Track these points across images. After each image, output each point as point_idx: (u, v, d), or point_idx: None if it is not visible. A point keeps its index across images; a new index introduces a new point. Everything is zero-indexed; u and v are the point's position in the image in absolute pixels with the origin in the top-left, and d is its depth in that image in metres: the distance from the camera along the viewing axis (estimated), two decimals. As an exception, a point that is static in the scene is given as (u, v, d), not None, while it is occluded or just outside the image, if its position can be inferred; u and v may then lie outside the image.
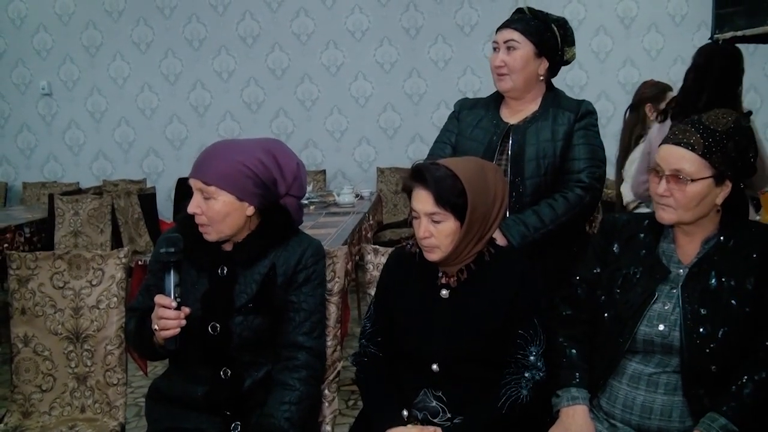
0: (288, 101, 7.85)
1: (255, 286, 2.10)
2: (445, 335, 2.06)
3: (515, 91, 2.67)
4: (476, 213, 2.00)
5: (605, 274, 2.14)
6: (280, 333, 2.13)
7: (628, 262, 2.11)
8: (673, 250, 2.07)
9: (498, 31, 2.68)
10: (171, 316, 1.96)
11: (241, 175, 2.03)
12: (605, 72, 7.71)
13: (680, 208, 1.96)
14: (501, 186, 2.08)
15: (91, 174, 7.91)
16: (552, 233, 2.50)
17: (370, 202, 5.77)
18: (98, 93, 7.84)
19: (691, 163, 1.93)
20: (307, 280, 2.16)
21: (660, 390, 1.98)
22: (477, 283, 2.08)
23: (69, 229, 5.62)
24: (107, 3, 7.72)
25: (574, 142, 2.59)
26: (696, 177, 1.93)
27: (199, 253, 2.11)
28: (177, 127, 7.89)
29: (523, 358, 2.04)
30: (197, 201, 2.05)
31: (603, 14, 7.67)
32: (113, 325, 2.53)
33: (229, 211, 2.04)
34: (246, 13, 7.73)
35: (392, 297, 2.19)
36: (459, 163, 2.06)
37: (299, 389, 2.08)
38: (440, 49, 7.77)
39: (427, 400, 2.08)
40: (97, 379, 2.54)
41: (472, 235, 2.02)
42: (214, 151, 2.09)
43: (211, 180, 2.02)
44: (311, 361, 2.14)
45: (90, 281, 2.55)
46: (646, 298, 2.02)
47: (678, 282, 2.01)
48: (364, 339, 2.25)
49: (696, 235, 2.03)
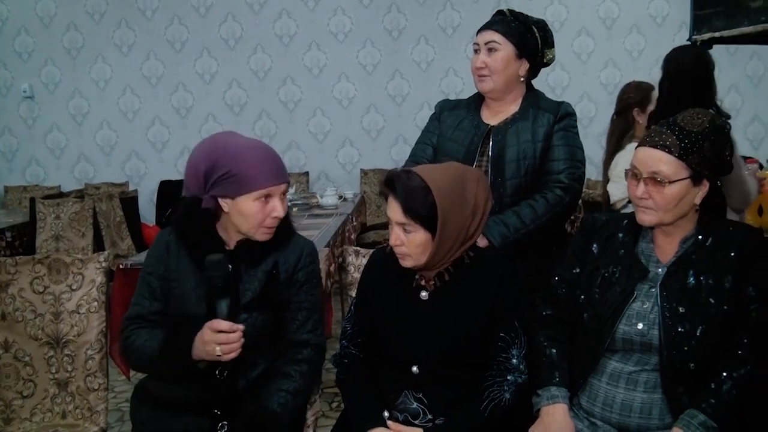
0: (271, 103, 7.83)
1: (259, 284, 2.12)
2: (425, 337, 2.06)
3: (496, 92, 2.68)
4: (448, 227, 1.98)
5: (584, 273, 2.16)
6: (284, 332, 2.16)
7: (607, 261, 2.13)
8: (651, 250, 2.09)
9: (479, 33, 2.69)
10: (235, 339, 1.96)
11: None
12: (587, 73, 7.74)
13: (660, 210, 1.98)
14: (483, 195, 2.06)
15: (72, 177, 7.86)
16: (532, 233, 2.52)
17: (353, 203, 5.77)
18: (80, 95, 7.79)
19: (668, 165, 1.96)
20: (307, 279, 2.20)
21: (639, 388, 2.00)
22: (456, 285, 2.08)
23: (50, 233, 5.58)
24: (89, 5, 7.68)
25: (553, 143, 2.60)
26: (674, 179, 1.95)
27: (201, 253, 2.10)
28: (159, 130, 7.85)
29: (505, 361, 2.04)
30: (281, 202, 2.10)
31: (585, 15, 7.71)
32: (93, 330, 2.52)
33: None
34: (228, 14, 7.71)
35: (372, 298, 2.20)
36: (436, 173, 2.03)
37: (298, 381, 2.12)
38: (423, 50, 7.78)
39: (407, 401, 2.08)
40: (78, 384, 2.52)
41: (446, 247, 2.01)
42: (272, 151, 2.14)
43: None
44: (315, 356, 2.19)
45: (70, 286, 2.54)
46: (625, 297, 2.04)
47: (657, 281, 2.03)
48: (345, 340, 2.26)
49: (674, 235, 2.06)
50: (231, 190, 2.04)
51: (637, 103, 4.17)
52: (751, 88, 7.70)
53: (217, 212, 2.11)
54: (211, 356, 1.97)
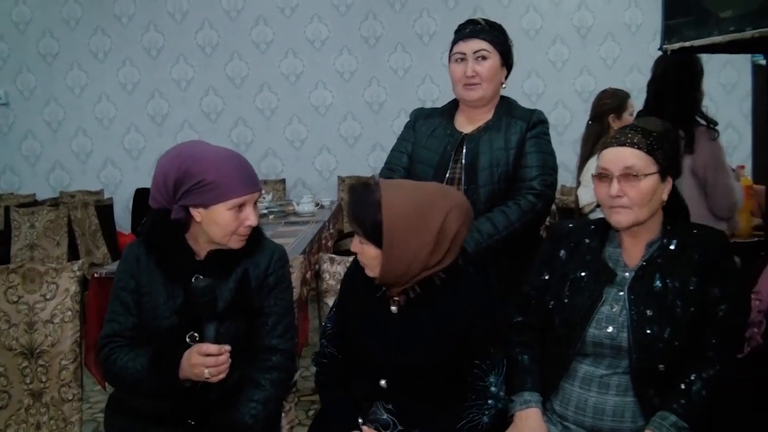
0: (247, 110, 7.83)
1: (230, 293, 2.10)
2: (393, 352, 2.03)
3: (483, 101, 2.70)
4: (397, 249, 1.93)
5: (553, 279, 2.19)
6: (254, 337, 2.15)
7: (575, 267, 2.15)
8: (619, 254, 2.12)
9: (463, 41, 2.68)
10: (224, 361, 1.96)
11: None
12: (562, 80, 7.81)
13: (635, 206, 2.01)
14: (453, 226, 1.97)
15: (48, 185, 7.80)
16: (506, 240, 2.54)
17: (330, 210, 5.76)
18: (55, 102, 7.74)
19: (639, 159, 2.01)
20: (277, 284, 2.19)
21: (611, 391, 2.02)
22: (428, 303, 2.04)
23: (25, 242, 5.54)
24: (64, 11, 7.64)
25: (526, 150, 2.63)
26: (646, 172, 2.00)
27: (172, 265, 2.10)
28: (135, 137, 7.82)
29: (483, 389, 2.02)
30: (255, 211, 2.11)
31: (560, 24, 7.78)
32: (68, 340, 2.49)
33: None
34: (204, 21, 7.70)
35: (348, 304, 2.20)
36: (401, 191, 1.99)
37: (268, 390, 2.11)
38: (400, 57, 7.82)
39: (378, 412, 2.07)
40: (52, 395, 2.50)
41: (398, 269, 1.96)
42: (244, 159, 2.15)
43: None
44: (284, 363, 2.17)
45: (44, 295, 2.52)
46: (593, 300, 2.06)
47: (624, 284, 2.06)
48: (325, 339, 2.25)
49: (641, 238, 2.09)
50: (204, 199, 2.02)
51: (613, 110, 4.22)
52: (724, 95, 7.79)
53: (187, 222, 2.09)
54: (199, 378, 1.96)
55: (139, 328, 2.12)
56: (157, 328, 2.08)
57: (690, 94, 3.29)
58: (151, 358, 2.04)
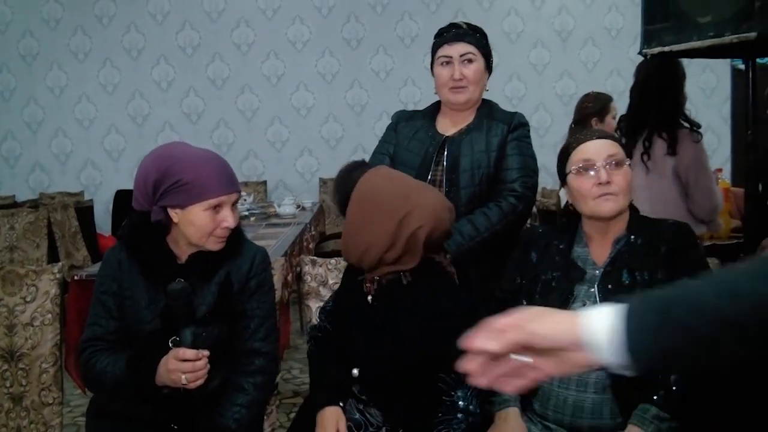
0: (228, 112, 7.80)
1: (213, 297, 2.10)
2: (366, 339, 2.07)
3: (469, 103, 2.73)
4: (352, 228, 2.05)
5: (526, 282, 2.23)
6: (237, 341, 2.14)
7: (545, 268, 2.20)
8: (587, 254, 2.17)
9: (448, 45, 2.70)
10: (201, 367, 1.94)
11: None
12: (543, 84, 7.85)
13: (621, 193, 2.07)
14: (413, 225, 1.97)
15: (27, 186, 7.70)
16: (487, 241, 2.56)
17: (311, 212, 5.76)
18: (35, 103, 7.66)
19: (617, 148, 2.12)
20: (259, 287, 2.19)
21: (590, 389, 2.04)
22: (401, 293, 2.06)
23: (5, 244, 5.48)
24: (44, 11, 7.57)
25: (507, 153, 2.66)
26: (626, 161, 2.11)
27: (153, 268, 2.09)
28: (115, 139, 7.76)
29: (451, 405, 2.01)
30: (232, 212, 2.09)
31: (541, 28, 7.82)
32: (48, 343, 2.48)
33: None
34: (185, 22, 7.67)
35: (343, 288, 2.24)
36: (376, 179, 2.08)
37: (252, 393, 2.11)
38: (381, 60, 7.83)
39: (351, 410, 2.09)
40: (33, 399, 2.48)
41: (356, 251, 2.05)
42: (223, 160, 2.14)
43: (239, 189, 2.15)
44: (267, 366, 2.17)
45: (24, 298, 2.50)
46: (565, 299, 2.10)
47: (594, 282, 2.10)
48: (323, 315, 2.30)
49: (608, 235, 2.14)
50: (181, 200, 2.02)
51: (596, 113, 4.27)
52: (704, 99, 7.84)
53: (168, 224, 2.08)
54: (177, 384, 1.95)
55: (120, 331, 2.11)
56: (140, 332, 2.07)
57: (673, 98, 3.33)
58: (129, 363, 2.03)
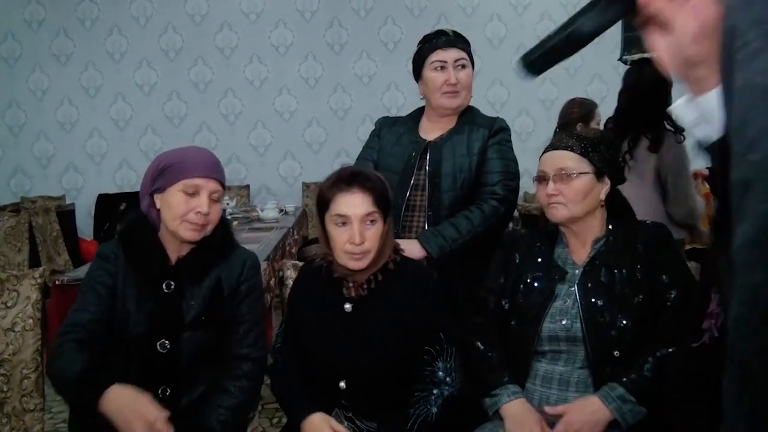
0: (211, 115, 7.78)
1: (203, 300, 2.11)
2: (350, 351, 2.06)
3: (461, 108, 2.78)
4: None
5: (508, 282, 2.28)
6: (225, 346, 2.14)
7: (527, 269, 2.26)
8: (567, 254, 2.24)
9: (442, 50, 2.73)
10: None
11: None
12: (525, 89, 7.87)
13: (569, 203, 2.15)
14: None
15: (8, 190, 7.64)
16: (469, 244, 2.59)
17: (294, 217, 5.76)
18: (17, 106, 7.60)
19: (572, 160, 2.17)
20: (249, 293, 2.19)
21: (572, 388, 2.09)
22: (379, 296, 2.08)
23: (-15, 248, 5.45)
24: (27, 13, 7.52)
25: (488, 157, 2.70)
26: (579, 171, 2.15)
27: (144, 265, 2.10)
28: (97, 142, 7.72)
29: (431, 375, 2.05)
30: (209, 202, 2.10)
31: (523, 33, 7.84)
32: (29, 348, 2.46)
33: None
34: (168, 25, 7.65)
35: (299, 313, 2.21)
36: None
37: (238, 397, 2.10)
38: (365, 64, 7.84)
39: (338, 420, 2.08)
40: (14, 405, 2.45)
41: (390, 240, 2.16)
42: (210, 152, 2.19)
43: (224, 180, 2.17)
44: (255, 371, 2.17)
45: (5, 303, 2.48)
46: (546, 297, 2.16)
47: (574, 280, 2.16)
48: (278, 354, 2.24)
49: (586, 237, 2.21)
50: (163, 183, 2.09)
51: (581, 118, 4.32)
52: (683, 104, 7.90)
53: (157, 218, 2.14)
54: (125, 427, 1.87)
55: (103, 325, 2.08)
56: (127, 335, 2.07)
57: (661, 103, 3.39)
58: (80, 375, 1.96)
